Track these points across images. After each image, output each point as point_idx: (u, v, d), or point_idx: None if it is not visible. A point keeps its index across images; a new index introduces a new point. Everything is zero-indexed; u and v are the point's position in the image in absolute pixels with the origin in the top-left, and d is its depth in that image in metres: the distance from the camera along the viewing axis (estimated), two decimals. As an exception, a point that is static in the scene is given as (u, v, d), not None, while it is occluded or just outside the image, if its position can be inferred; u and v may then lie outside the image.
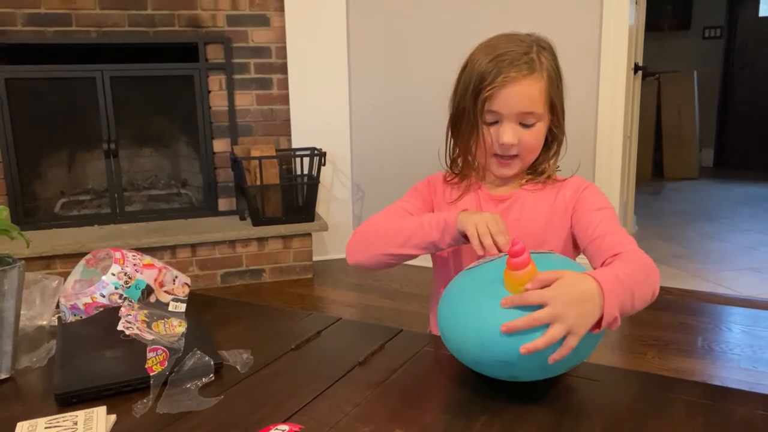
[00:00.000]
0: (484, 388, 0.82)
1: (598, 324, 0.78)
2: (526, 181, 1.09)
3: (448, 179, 1.14)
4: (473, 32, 1.09)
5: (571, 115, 1.08)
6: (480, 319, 0.78)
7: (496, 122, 1.02)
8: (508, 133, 1.00)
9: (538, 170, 1.09)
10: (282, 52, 3.17)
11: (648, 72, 4.45)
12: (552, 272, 0.77)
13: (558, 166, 1.11)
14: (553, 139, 1.07)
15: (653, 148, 5.30)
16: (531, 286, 0.76)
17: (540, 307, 0.75)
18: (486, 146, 1.03)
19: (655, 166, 5.36)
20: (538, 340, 0.73)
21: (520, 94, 0.99)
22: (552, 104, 1.03)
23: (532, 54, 1.00)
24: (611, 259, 0.92)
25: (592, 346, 0.82)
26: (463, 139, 1.06)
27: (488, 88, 0.99)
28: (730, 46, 5.66)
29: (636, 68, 3.20)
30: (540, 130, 1.03)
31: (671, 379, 0.86)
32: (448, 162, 1.13)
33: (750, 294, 2.70)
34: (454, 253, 1.09)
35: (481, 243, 0.90)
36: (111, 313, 0.95)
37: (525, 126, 1.01)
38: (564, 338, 0.74)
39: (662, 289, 2.99)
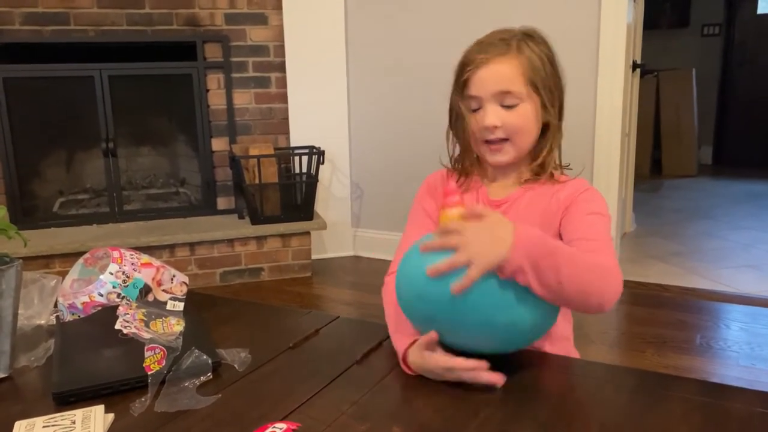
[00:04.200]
0: (481, 387, 0.82)
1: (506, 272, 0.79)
2: (525, 180, 1.06)
3: (450, 176, 1.13)
4: (471, 29, 1.09)
5: (569, 113, 1.08)
6: (412, 270, 0.84)
7: (479, 108, 1.02)
8: (489, 115, 1.00)
9: (539, 162, 1.05)
10: (280, 50, 3.16)
11: (646, 69, 4.46)
12: (483, 209, 0.84)
13: (569, 164, 1.09)
14: (546, 124, 1.04)
15: (652, 146, 5.31)
16: (463, 218, 0.84)
17: None
18: (475, 134, 1.03)
19: (653, 164, 5.37)
20: (441, 262, 0.78)
21: (493, 73, 1.00)
22: (535, 86, 1.01)
23: (510, 40, 1.01)
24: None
25: (540, 320, 0.83)
26: (458, 133, 1.06)
27: (466, 73, 1.01)
28: (729, 44, 5.65)
29: (634, 66, 3.20)
30: (525, 111, 1.01)
31: (669, 376, 0.86)
32: (451, 163, 1.12)
33: (748, 291, 2.70)
34: None
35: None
36: (109, 312, 0.95)
37: (507, 108, 1.00)
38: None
39: (660, 286, 2.97)
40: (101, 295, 1.01)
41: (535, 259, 0.79)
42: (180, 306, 1.00)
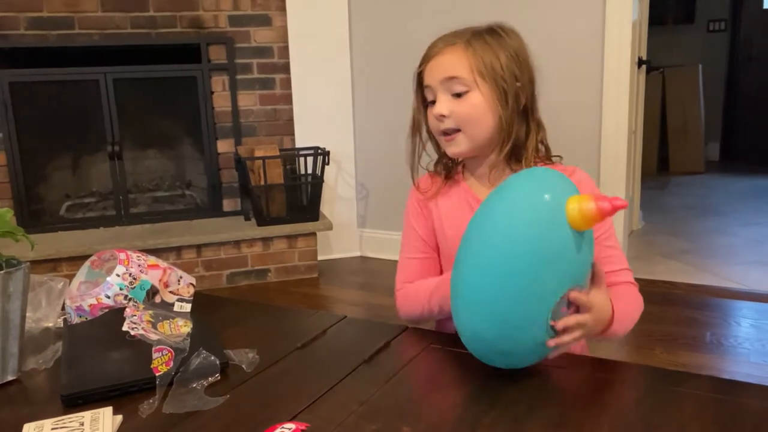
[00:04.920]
0: (491, 384, 0.82)
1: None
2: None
3: (422, 186, 1.15)
4: (470, 24, 1.08)
5: (575, 111, 1.08)
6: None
7: (434, 101, 1.05)
8: (439, 105, 1.03)
9: (508, 153, 1.04)
10: (284, 51, 3.16)
11: (652, 66, 4.44)
12: (600, 275, 0.87)
13: (561, 157, 1.09)
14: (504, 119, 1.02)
15: (658, 143, 5.28)
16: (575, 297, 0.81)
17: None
18: (431, 129, 1.08)
19: (660, 161, 5.34)
20: (565, 337, 0.82)
21: (439, 62, 1.04)
22: (483, 77, 1.01)
23: (464, 34, 1.04)
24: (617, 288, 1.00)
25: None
26: (425, 129, 1.11)
27: (420, 67, 1.07)
28: (735, 39, 5.62)
29: (640, 62, 3.18)
30: (475, 100, 1.01)
31: (680, 373, 0.85)
32: (417, 168, 1.15)
33: (759, 288, 2.68)
34: None
35: None
36: (116, 314, 0.95)
37: (456, 96, 1.02)
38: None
39: (669, 283, 2.94)
40: (108, 297, 1.01)
41: (614, 336, 0.94)
42: (187, 307, 1.00)
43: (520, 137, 1.04)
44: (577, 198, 0.75)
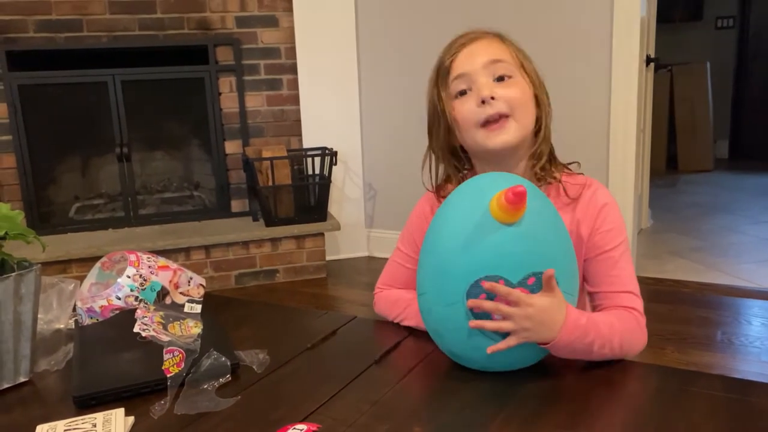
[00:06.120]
0: (501, 385, 0.81)
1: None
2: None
3: (442, 195, 1.04)
4: (483, 26, 1.08)
5: (583, 109, 1.07)
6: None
7: (467, 91, 0.94)
8: (484, 88, 0.92)
9: (539, 157, 0.98)
10: (291, 52, 3.17)
11: (660, 64, 4.41)
12: (549, 283, 0.79)
13: (579, 163, 1.04)
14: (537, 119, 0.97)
15: (667, 141, 5.25)
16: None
17: None
18: (467, 121, 0.94)
19: (669, 159, 5.31)
20: (487, 323, 0.80)
21: (480, 47, 0.96)
22: (524, 68, 0.96)
23: (495, 32, 1.01)
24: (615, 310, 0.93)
25: (536, 356, 0.85)
26: (442, 137, 0.99)
27: (449, 57, 0.96)
28: (743, 36, 5.58)
29: (648, 60, 3.16)
30: (520, 85, 0.94)
31: (692, 372, 0.85)
32: (433, 180, 1.07)
33: (769, 286, 2.67)
34: None
35: None
36: (127, 316, 0.95)
37: (500, 80, 0.93)
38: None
39: (679, 282, 2.91)
40: (119, 299, 1.01)
41: (573, 348, 0.83)
42: (197, 308, 1.00)
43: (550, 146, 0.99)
44: (495, 195, 0.79)
